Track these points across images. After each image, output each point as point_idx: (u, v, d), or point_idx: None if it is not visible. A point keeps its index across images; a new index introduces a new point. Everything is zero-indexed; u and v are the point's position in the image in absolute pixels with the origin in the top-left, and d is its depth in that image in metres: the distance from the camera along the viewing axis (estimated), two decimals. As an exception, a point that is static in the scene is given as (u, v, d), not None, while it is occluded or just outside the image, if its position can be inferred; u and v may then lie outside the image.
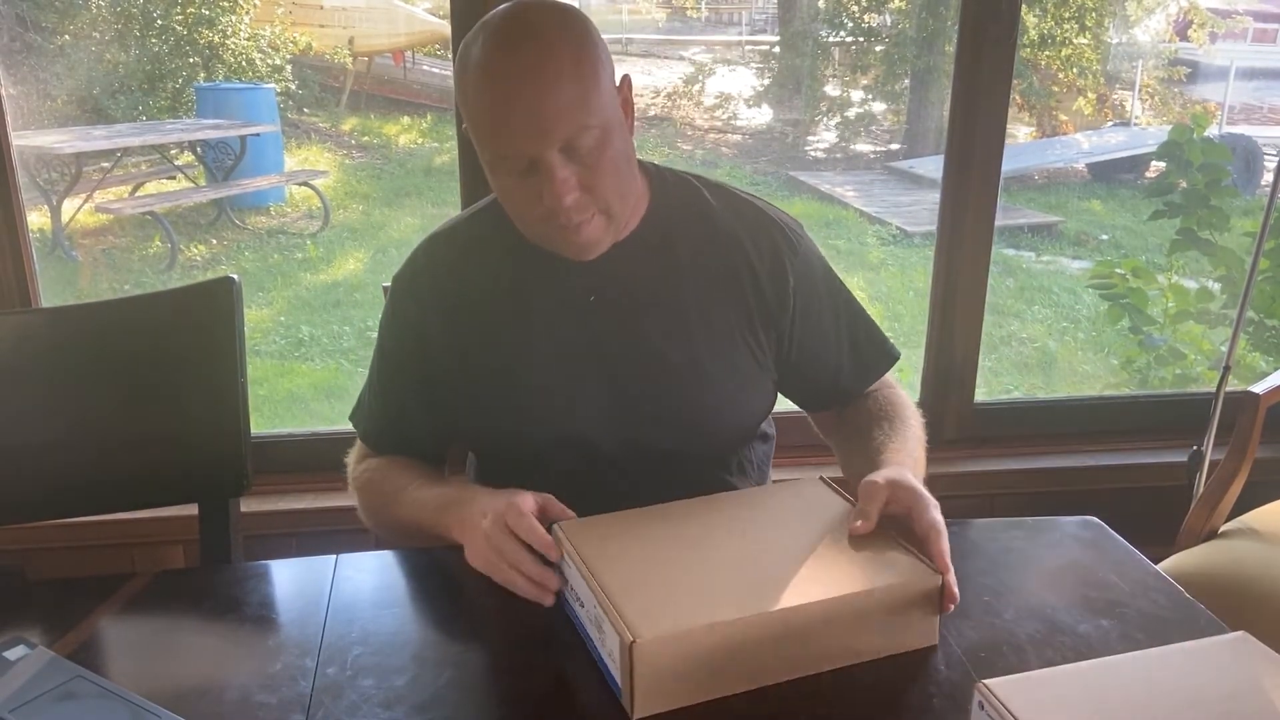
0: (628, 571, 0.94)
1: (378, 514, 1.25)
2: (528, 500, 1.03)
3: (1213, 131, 4.93)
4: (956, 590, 0.95)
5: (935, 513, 0.99)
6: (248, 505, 1.46)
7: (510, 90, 1.03)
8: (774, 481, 1.36)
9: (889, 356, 1.33)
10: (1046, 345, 4.55)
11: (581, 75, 1.05)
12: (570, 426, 1.20)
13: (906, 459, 1.15)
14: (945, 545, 0.97)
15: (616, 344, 1.20)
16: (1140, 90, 6.14)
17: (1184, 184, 3.05)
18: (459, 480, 1.22)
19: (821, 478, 1.12)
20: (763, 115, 6.26)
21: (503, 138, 1.05)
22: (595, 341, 1.20)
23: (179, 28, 4.99)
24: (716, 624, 0.87)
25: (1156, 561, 1.25)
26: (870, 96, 6.16)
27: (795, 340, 1.26)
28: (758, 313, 1.22)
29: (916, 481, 1.04)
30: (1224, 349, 2.23)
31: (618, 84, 1.12)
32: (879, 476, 1.03)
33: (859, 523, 0.99)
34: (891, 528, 1.00)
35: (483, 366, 1.21)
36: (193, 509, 1.38)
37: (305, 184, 5.31)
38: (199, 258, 4.85)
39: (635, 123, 1.16)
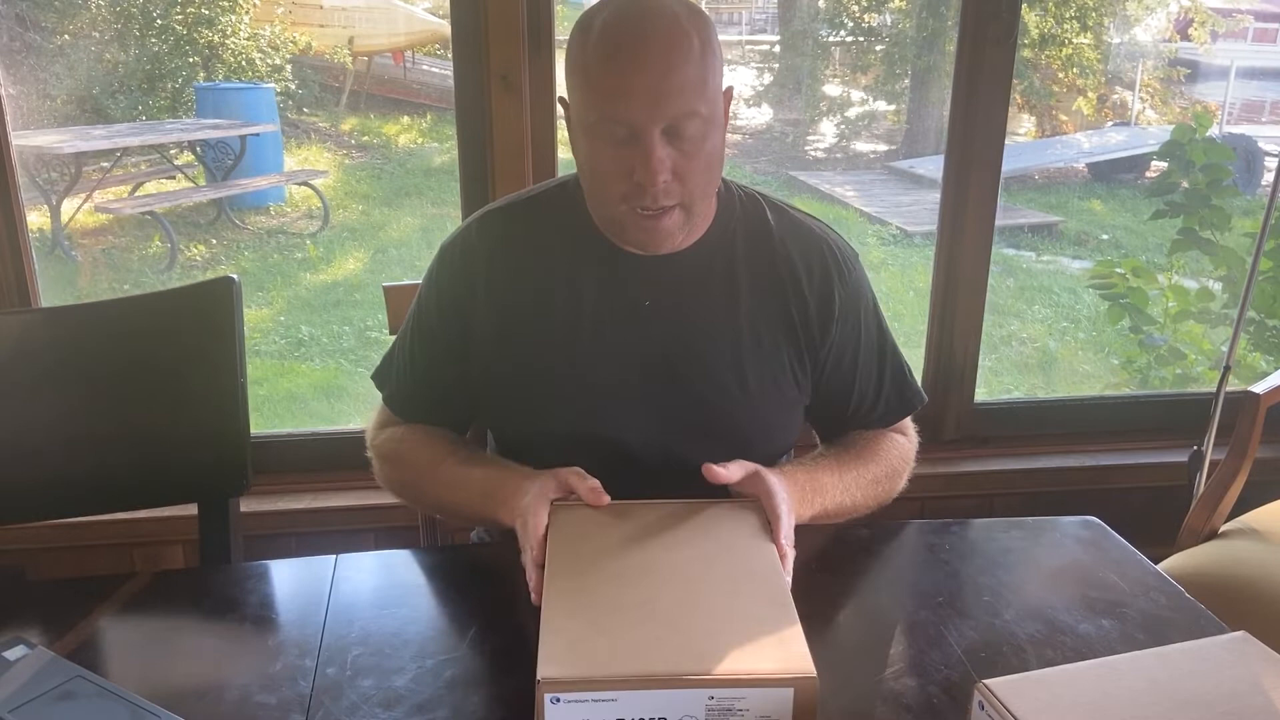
0: (571, 600, 0.92)
1: (407, 489, 1.25)
2: (541, 516, 1.04)
3: (1214, 131, 4.92)
4: (790, 561, 1.03)
5: (780, 504, 1.06)
6: (248, 505, 1.46)
7: (637, 56, 1.04)
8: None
9: (910, 403, 1.32)
10: (1046, 345, 4.55)
11: (705, 62, 1.07)
12: (603, 429, 1.19)
13: (803, 475, 1.18)
14: (784, 528, 1.04)
15: (664, 352, 1.19)
16: (1141, 90, 6.13)
17: (1185, 184, 3.05)
18: (495, 458, 1.20)
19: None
20: (763, 115, 6.25)
21: (617, 101, 1.05)
22: (643, 347, 1.18)
23: (179, 27, 4.98)
24: (628, 677, 0.83)
25: (1156, 561, 1.25)
26: (870, 96, 6.15)
27: (828, 370, 1.25)
28: (802, 338, 1.22)
29: (773, 477, 1.10)
30: (1224, 349, 2.23)
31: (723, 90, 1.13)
32: (745, 464, 1.11)
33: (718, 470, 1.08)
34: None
35: (522, 354, 1.20)
36: (193, 509, 1.38)
37: (305, 184, 5.30)
38: (199, 258, 4.84)
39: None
